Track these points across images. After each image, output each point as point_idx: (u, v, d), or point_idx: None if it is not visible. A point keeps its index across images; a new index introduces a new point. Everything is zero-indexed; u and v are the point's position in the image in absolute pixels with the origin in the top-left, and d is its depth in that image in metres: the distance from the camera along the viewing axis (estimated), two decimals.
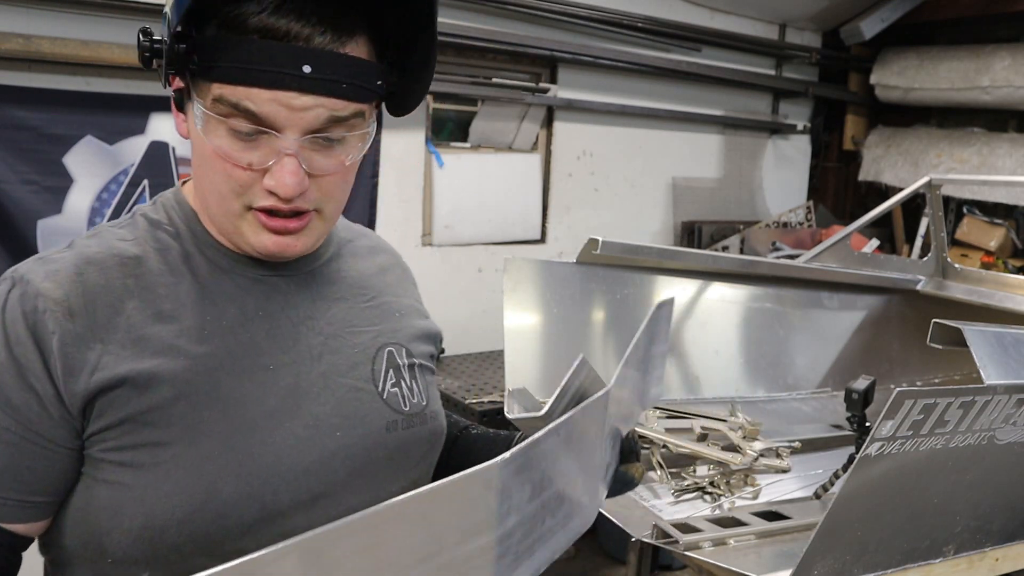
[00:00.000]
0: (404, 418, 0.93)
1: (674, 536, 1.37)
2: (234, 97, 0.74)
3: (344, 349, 0.90)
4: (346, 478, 0.86)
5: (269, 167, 0.77)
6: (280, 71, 0.73)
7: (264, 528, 0.80)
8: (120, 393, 0.76)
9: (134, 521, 0.76)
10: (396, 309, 0.99)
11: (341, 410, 0.87)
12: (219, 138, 0.76)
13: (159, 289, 0.81)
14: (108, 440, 0.77)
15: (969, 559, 1.37)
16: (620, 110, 4.08)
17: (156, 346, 0.79)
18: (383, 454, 0.90)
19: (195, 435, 0.78)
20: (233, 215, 0.81)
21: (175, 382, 0.78)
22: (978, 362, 1.28)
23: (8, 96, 2.56)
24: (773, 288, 2.35)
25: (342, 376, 0.89)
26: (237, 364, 0.82)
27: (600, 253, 1.97)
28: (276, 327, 0.86)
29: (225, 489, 0.78)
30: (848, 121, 5.10)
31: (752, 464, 1.69)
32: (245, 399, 0.81)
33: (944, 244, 2.70)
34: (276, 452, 0.81)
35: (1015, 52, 4.18)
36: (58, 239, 2.70)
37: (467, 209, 3.76)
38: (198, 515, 0.77)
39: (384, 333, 0.96)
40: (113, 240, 0.83)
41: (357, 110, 0.78)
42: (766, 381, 2.31)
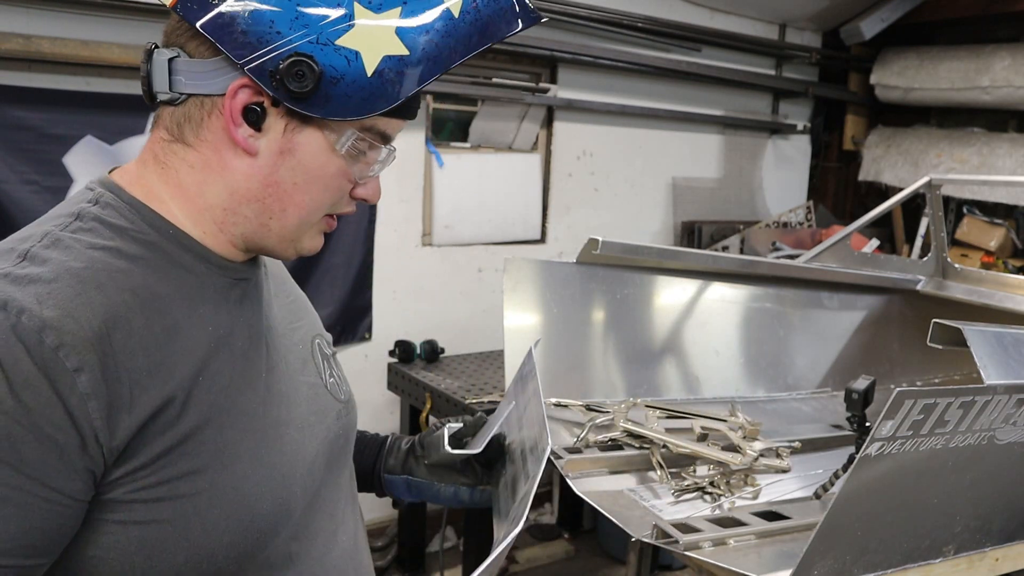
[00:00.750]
0: (343, 406, 0.99)
1: (674, 536, 1.37)
2: (384, 128, 0.82)
3: (293, 348, 0.93)
4: (325, 472, 0.92)
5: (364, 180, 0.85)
6: (417, 106, 0.84)
7: (281, 531, 0.83)
8: (153, 426, 0.71)
9: (177, 556, 0.74)
10: (303, 299, 1.04)
11: (311, 407, 0.91)
12: (347, 160, 0.82)
13: (155, 303, 0.75)
14: (141, 479, 0.71)
15: (969, 559, 1.37)
16: (620, 110, 4.08)
17: (169, 367, 0.73)
18: (339, 444, 0.96)
19: (225, 457, 0.76)
20: (308, 226, 0.85)
21: (199, 405, 0.75)
22: (978, 362, 1.28)
23: (8, 96, 2.56)
24: (773, 288, 2.35)
25: (301, 375, 0.92)
26: (240, 377, 0.81)
27: (600, 253, 1.97)
28: (255, 334, 0.85)
29: (263, 505, 0.79)
30: (848, 121, 5.10)
31: (752, 464, 1.69)
32: (255, 412, 0.81)
33: (944, 244, 2.70)
34: (289, 459, 0.84)
35: (1015, 52, 4.18)
36: None
37: (467, 209, 3.76)
38: (243, 536, 0.78)
39: (308, 326, 1.00)
40: (86, 250, 0.73)
41: None
42: (766, 381, 2.31)
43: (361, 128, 0.80)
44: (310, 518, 0.88)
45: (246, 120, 0.77)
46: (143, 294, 0.74)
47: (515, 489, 0.96)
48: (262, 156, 0.79)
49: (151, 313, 0.74)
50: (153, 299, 0.75)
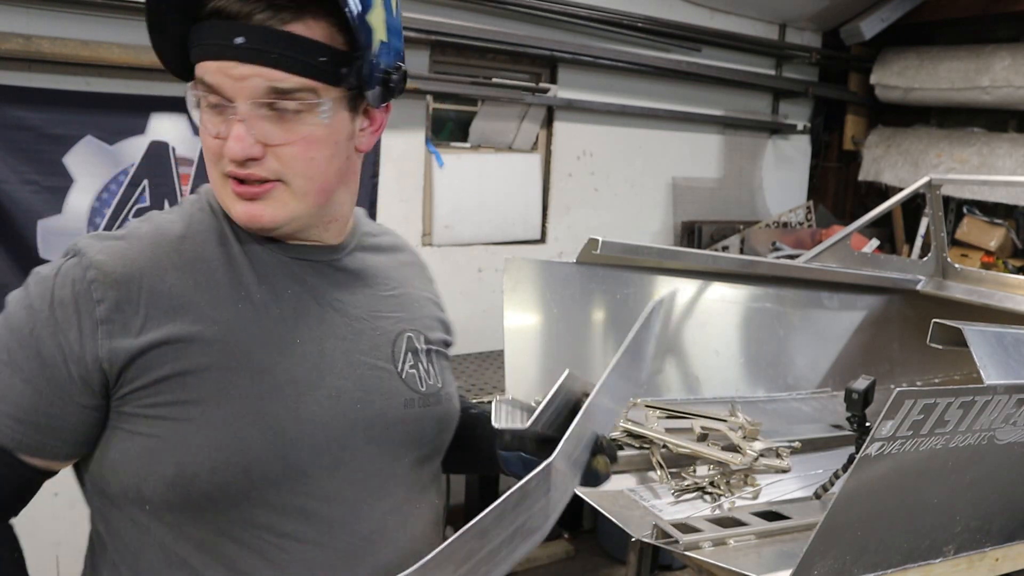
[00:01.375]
0: (420, 397, 1.02)
1: (674, 536, 1.37)
2: (200, 73, 0.86)
3: (367, 331, 1.00)
4: (365, 447, 0.96)
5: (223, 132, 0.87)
6: (219, 43, 0.83)
7: (288, 484, 0.89)
8: (158, 355, 0.85)
9: (167, 469, 0.85)
10: (414, 300, 1.09)
11: (362, 385, 0.96)
12: (202, 115, 0.88)
13: (198, 264, 0.90)
14: (143, 398, 0.85)
15: (969, 559, 1.37)
16: (620, 110, 4.08)
17: (193, 314, 0.87)
18: (400, 428, 0.99)
19: (224, 397, 0.86)
20: (217, 184, 0.91)
21: (209, 349, 0.87)
22: (978, 362, 1.28)
23: (8, 96, 2.56)
24: (773, 288, 2.35)
25: (364, 355, 0.98)
26: (266, 336, 0.90)
27: (600, 253, 1.97)
28: (304, 307, 0.95)
29: (251, 446, 0.86)
30: (848, 121, 5.10)
31: (752, 464, 1.69)
32: (273, 368, 0.90)
33: (944, 244, 2.70)
34: (299, 417, 0.90)
35: (1015, 52, 4.18)
36: (58, 239, 2.70)
37: (467, 209, 3.76)
38: (225, 467, 0.85)
39: (404, 320, 1.05)
40: (161, 221, 0.94)
41: (301, 84, 0.85)
42: (766, 381, 2.31)
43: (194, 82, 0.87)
44: (336, 484, 0.92)
45: None
46: (187, 256, 0.90)
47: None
48: None
49: (188, 270, 0.89)
50: (196, 261, 0.90)
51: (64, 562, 2.82)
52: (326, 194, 0.94)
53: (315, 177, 0.91)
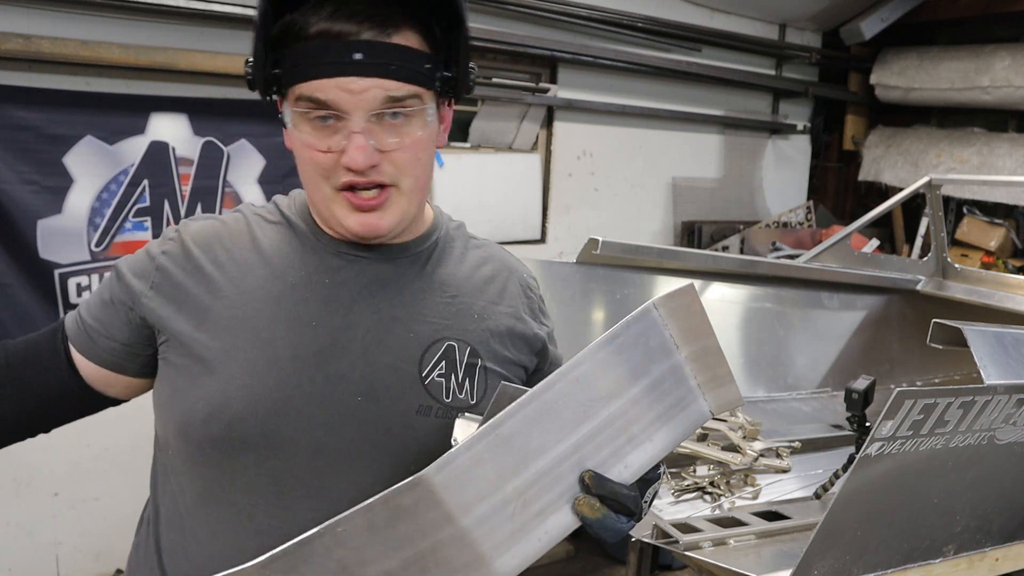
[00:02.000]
0: (442, 407, 0.98)
1: (674, 536, 1.37)
2: (308, 91, 0.89)
3: (398, 331, 0.99)
4: (359, 442, 0.95)
5: (345, 148, 0.90)
6: (337, 60, 0.87)
7: (268, 452, 0.93)
8: (186, 313, 0.96)
9: (173, 412, 0.96)
10: (478, 312, 1.04)
11: (370, 380, 0.96)
12: (305, 132, 0.91)
13: (249, 246, 1.00)
14: (172, 349, 0.97)
15: (969, 559, 1.37)
16: (620, 110, 4.08)
17: (223, 284, 0.97)
18: (409, 434, 0.96)
19: (226, 359, 0.94)
20: (327, 200, 0.95)
21: (222, 315, 0.95)
22: (978, 362, 1.28)
23: (8, 96, 2.56)
24: (773, 288, 2.35)
25: (385, 353, 0.97)
26: (282, 312, 0.96)
27: (600, 253, 1.97)
28: (334, 295, 0.98)
29: (235, 404, 0.92)
30: (848, 121, 5.10)
31: (752, 464, 1.69)
32: (278, 342, 0.95)
33: (944, 244, 2.70)
34: (289, 392, 0.93)
35: (1015, 52, 4.18)
36: (58, 239, 2.70)
37: (467, 209, 3.76)
38: (212, 420, 0.92)
39: (451, 328, 1.01)
40: (246, 212, 1.05)
41: (411, 92, 0.91)
42: (766, 381, 2.32)
43: (295, 99, 0.91)
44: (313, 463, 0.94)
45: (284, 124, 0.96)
46: (243, 239, 1.01)
47: None
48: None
49: (237, 249, 1.00)
50: (249, 243, 1.00)
51: (64, 562, 2.82)
52: (424, 192, 1.00)
53: (420, 176, 0.97)
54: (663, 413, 0.82)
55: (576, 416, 0.78)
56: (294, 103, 0.90)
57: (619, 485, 0.80)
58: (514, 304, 1.08)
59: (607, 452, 0.80)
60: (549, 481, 0.77)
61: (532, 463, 0.76)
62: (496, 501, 0.75)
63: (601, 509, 0.79)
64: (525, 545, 0.77)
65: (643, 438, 0.81)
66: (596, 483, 0.79)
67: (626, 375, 0.80)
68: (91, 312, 1.03)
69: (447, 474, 0.73)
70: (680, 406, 0.83)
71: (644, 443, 0.81)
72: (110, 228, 2.81)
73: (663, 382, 0.81)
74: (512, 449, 0.75)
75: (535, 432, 0.76)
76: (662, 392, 0.81)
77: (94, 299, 1.04)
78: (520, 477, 0.76)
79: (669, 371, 0.82)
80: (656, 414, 0.81)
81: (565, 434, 0.78)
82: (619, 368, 0.79)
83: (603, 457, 0.79)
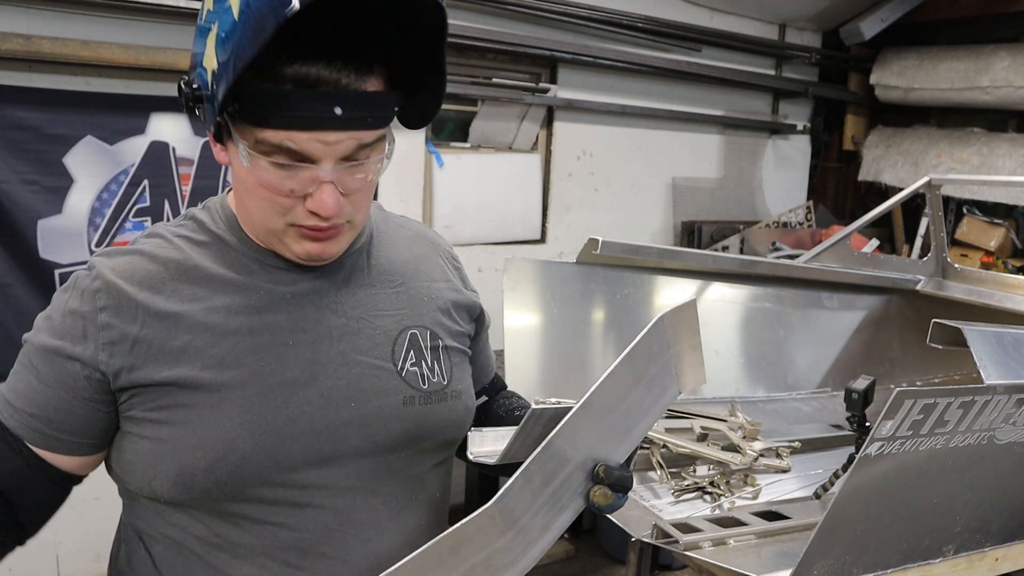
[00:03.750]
0: (422, 395, 1.03)
1: (674, 536, 1.37)
2: (276, 139, 0.84)
3: (366, 331, 1.01)
4: (359, 443, 0.98)
5: (310, 193, 0.88)
6: (317, 116, 0.83)
7: (279, 479, 0.93)
8: (155, 363, 0.90)
9: (170, 469, 0.91)
10: (425, 294, 1.09)
11: (357, 384, 0.98)
12: (262, 171, 0.87)
13: (196, 274, 0.94)
14: (145, 403, 0.91)
15: (969, 559, 1.37)
16: (620, 110, 4.08)
17: (188, 322, 0.92)
18: (399, 426, 1.00)
19: (217, 400, 0.91)
20: (278, 231, 0.93)
21: (201, 355, 0.91)
22: (978, 362, 1.28)
23: (8, 96, 2.56)
24: (773, 288, 2.35)
25: (361, 355, 0.99)
26: (258, 340, 0.94)
27: (600, 253, 1.97)
28: (300, 309, 0.97)
29: (241, 445, 0.91)
30: (848, 121, 5.10)
31: (752, 464, 1.69)
32: (263, 371, 0.93)
33: (944, 244, 2.70)
34: (289, 416, 0.93)
35: (1015, 52, 4.18)
36: (58, 239, 2.70)
37: (467, 209, 3.76)
38: (219, 465, 0.90)
39: (409, 316, 1.06)
40: (165, 234, 0.98)
41: (379, 135, 0.89)
42: (766, 381, 2.32)
43: (255, 142, 0.85)
44: (323, 476, 0.95)
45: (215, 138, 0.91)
46: (185, 266, 0.95)
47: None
48: (232, 169, 0.94)
49: (185, 280, 0.94)
50: (194, 271, 0.95)
51: (64, 562, 2.82)
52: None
53: (368, 206, 0.98)
54: (653, 402, 0.94)
55: (599, 421, 0.88)
56: (253, 144, 0.85)
57: (622, 471, 0.90)
58: (448, 277, 1.15)
59: (613, 444, 0.90)
60: (572, 480, 0.87)
61: (565, 469, 0.86)
62: (535, 507, 0.84)
63: (611, 495, 0.89)
64: (547, 538, 0.86)
65: (637, 426, 0.93)
66: (608, 474, 0.89)
67: (633, 379, 0.90)
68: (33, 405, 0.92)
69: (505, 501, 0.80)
70: (663, 393, 0.96)
71: (636, 430, 0.93)
72: (110, 228, 2.81)
73: (656, 377, 0.93)
74: (554, 462, 0.84)
75: (575, 442, 0.85)
76: (654, 385, 0.93)
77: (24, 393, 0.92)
78: (555, 483, 0.85)
79: (661, 367, 0.93)
80: (648, 404, 0.94)
81: (592, 439, 0.88)
82: (631, 375, 0.89)
83: (610, 449, 0.90)
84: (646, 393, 0.93)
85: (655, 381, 0.93)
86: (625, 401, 0.90)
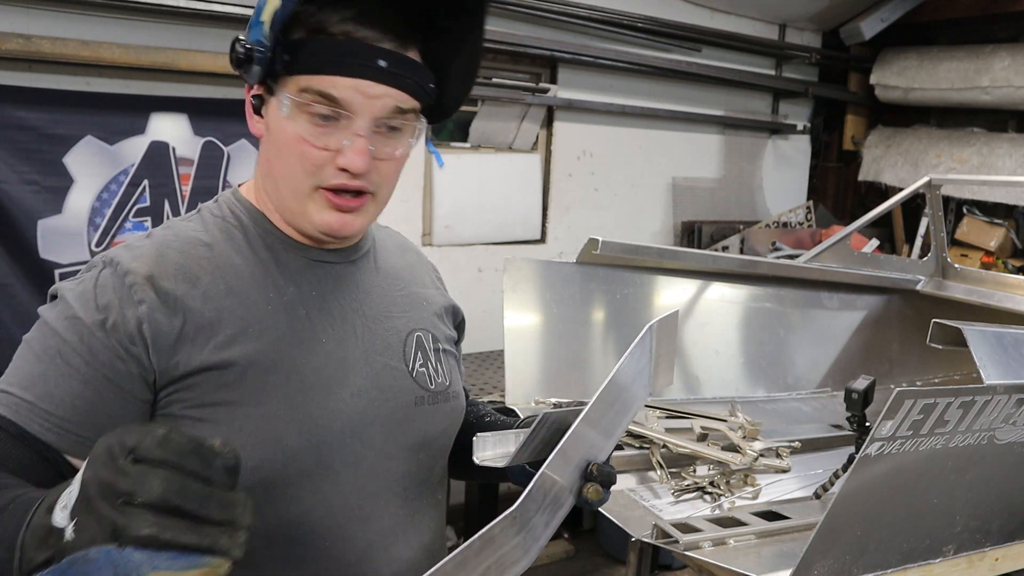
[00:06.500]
0: (430, 395, 1.06)
1: (674, 536, 1.37)
2: (320, 86, 0.87)
3: (381, 331, 1.03)
4: (382, 444, 0.99)
5: (342, 148, 0.90)
6: (362, 63, 0.87)
7: (319, 479, 0.93)
8: (198, 358, 0.87)
9: None
10: (423, 299, 1.13)
11: (378, 383, 1.00)
12: (300, 125, 0.89)
13: (228, 268, 0.93)
14: (186, 400, 0.87)
15: (969, 559, 1.37)
16: (620, 110, 4.08)
17: (228, 318, 0.90)
18: (412, 426, 1.03)
19: (262, 397, 0.90)
20: (302, 195, 0.93)
21: (245, 351, 0.90)
22: (978, 362, 1.28)
23: (8, 96, 2.56)
24: (773, 288, 2.35)
25: (379, 354, 1.01)
26: (295, 336, 0.94)
27: (600, 253, 1.97)
28: (327, 306, 0.98)
29: (289, 441, 0.90)
30: (848, 121, 5.10)
31: (752, 464, 1.69)
32: (303, 367, 0.93)
33: (944, 244, 2.70)
34: (329, 414, 0.94)
35: (1015, 52, 4.18)
36: (58, 239, 2.70)
37: (467, 209, 3.76)
38: (267, 463, 0.89)
39: (414, 319, 1.09)
40: (185, 229, 0.96)
41: (414, 106, 0.93)
42: (766, 381, 2.32)
43: (298, 90, 0.88)
44: (356, 477, 0.96)
45: (255, 111, 0.94)
46: (217, 261, 0.93)
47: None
48: (264, 137, 0.95)
49: (219, 275, 0.92)
50: (225, 266, 0.93)
51: None
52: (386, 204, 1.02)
53: (392, 190, 1.00)
54: (634, 403, 0.99)
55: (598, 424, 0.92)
56: (297, 93, 0.88)
57: (609, 467, 0.93)
58: (436, 284, 1.19)
59: (602, 444, 0.94)
60: (571, 479, 0.91)
61: (568, 470, 0.90)
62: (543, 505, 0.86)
63: (602, 491, 0.92)
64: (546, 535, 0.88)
65: (620, 426, 0.98)
66: (600, 472, 0.91)
67: (625, 384, 0.95)
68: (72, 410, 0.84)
69: (526, 503, 0.83)
70: (642, 394, 1.00)
71: (620, 429, 0.99)
72: (110, 228, 2.81)
73: (639, 380, 0.98)
74: (565, 461, 0.88)
75: (578, 445, 0.89)
76: (637, 388, 0.98)
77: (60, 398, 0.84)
78: (561, 481, 0.89)
79: (641, 371, 0.98)
80: (631, 405, 0.99)
81: (589, 440, 0.92)
82: (624, 380, 0.94)
83: (599, 449, 0.94)
84: (631, 396, 0.98)
85: (638, 384, 0.98)
86: (616, 404, 0.94)
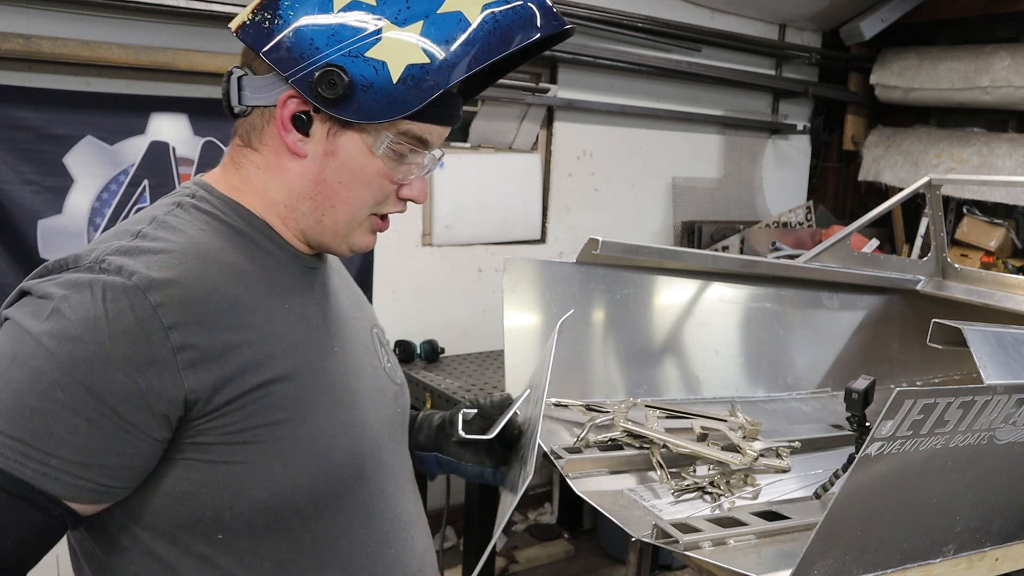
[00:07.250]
0: (399, 389, 1.10)
1: (674, 536, 1.36)
2: (420, 131, 0.91)
3: (359, 332, 1.05)
4: (389, 442, 1.02)
5: (409, 181, 0.94)
6: (454, 112, 0.95)
7: (358, 488, 0.94)
8: (239, 379, 0.82)
9: (261, 492, 0.85)
10: (362, 296, 1.16)
11: (374, 385, 1.02)
12: (385, 161, 0.91)
13: (244, 277, 0.88)
14: (227, 425, 0.82)
15: (969, 559, 1.37)
16: (620, 110, 4.08)
17: (261, 332, 0.86)
18: (397, 421, 1.07)
19: (305, 411, 0.88)
20: (354, 223, 0.94)
21: (282, 365, 0.86)
22: (978, 362, 1.28)
23: (8, 96, 2.56)
24: (773, 288, 2.35)
25: (365, 356, 1.04)
26: (317, 346, 0.93)
27: (600, 253, 1.97)
28: (326, 314, 0.98)
29: (336, 456, 0.90)
30: (848, 121, 5.10)
31: (752, 464, 1.69)
32: (332, 377, 0.93)
33: (944, 244, 2.70)
34: (360, 424, 0.95)
35: (1015, 52, 4.18)
36: (58, 239, 2.70)
37: (467, 209, 3.76)
38: (318, 479, 0.88)
39: (368, 316, 1.12)
40: (190, 230, 0.88)
41: None
42: (766, 381, 2.31)
43: (397, 132, 0.89)
44: (381, 480, 0.98)
45: (295, 126, 0.89)
46: (235, 269, 0.87)
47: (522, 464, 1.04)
48: (311, 158, 0.91)
49: (240, 285, 0.86)
50: (242, 274, 0.88)
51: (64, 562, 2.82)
52: None
53: None
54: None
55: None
56: (397, 135, 0.90)
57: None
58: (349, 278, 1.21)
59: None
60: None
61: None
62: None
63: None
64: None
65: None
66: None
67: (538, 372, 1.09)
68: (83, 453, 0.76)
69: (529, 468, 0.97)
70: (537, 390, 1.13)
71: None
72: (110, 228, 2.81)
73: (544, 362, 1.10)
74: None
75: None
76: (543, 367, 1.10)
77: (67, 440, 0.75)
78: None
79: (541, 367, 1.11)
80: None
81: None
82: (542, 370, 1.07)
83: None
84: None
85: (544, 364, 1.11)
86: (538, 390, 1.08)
